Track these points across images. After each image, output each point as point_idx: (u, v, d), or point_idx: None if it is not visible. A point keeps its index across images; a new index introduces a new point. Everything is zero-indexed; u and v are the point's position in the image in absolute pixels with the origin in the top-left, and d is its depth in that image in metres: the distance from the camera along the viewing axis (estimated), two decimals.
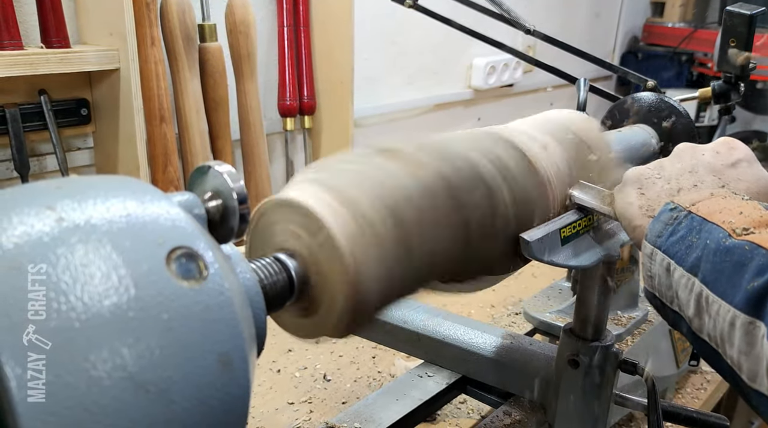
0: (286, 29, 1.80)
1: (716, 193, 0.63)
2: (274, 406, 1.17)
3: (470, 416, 1.13)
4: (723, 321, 0.54)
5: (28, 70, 1.26)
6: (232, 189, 0.48)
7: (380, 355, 1.34)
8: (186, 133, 1.58)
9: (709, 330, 0.56)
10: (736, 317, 0.52)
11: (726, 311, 0.53)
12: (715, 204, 0.61)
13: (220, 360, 0.41)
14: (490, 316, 1.49)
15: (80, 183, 0.43)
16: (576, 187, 0.76)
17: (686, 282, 0.59)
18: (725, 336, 0.54)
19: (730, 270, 0.54)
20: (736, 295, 0.52)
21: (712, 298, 0.55)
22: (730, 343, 0.53)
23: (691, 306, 0.58)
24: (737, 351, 0.53)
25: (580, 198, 0.75)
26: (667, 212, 0.64)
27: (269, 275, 0.54)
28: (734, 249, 0.54)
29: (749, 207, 0.59)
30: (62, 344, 0.35)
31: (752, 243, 0.53)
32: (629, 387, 0.99)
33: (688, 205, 0.62)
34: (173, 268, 0.40)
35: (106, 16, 1.36)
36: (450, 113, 2.53)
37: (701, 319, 0.57)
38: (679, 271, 0.59)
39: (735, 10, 0.96)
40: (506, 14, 1.20)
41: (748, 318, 0.51)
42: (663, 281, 0.63)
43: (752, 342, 0.51)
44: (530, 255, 0.69)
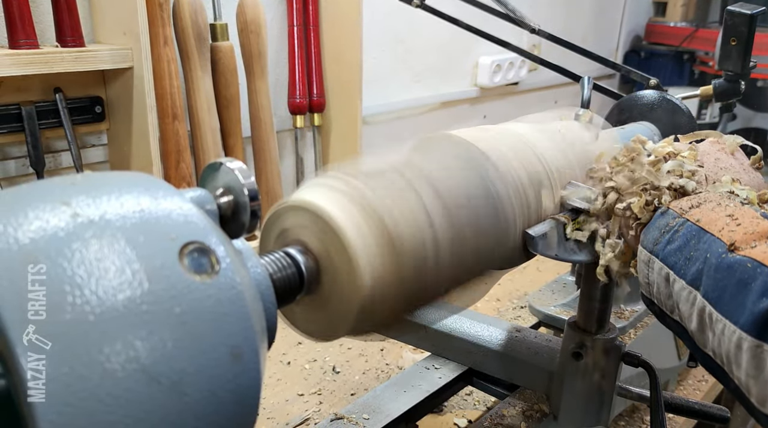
0: (296, 29, 1.80)
1: (710, 198, 0.62)
2: (284, 398, 1.18)
3: (476, 407, 1.14)
4: (729, 342, 0.53)
5: (44, 69, 1.27)
6: (244, 185, 0.48)
7: (388, 348, 1.35)
8: (198, 130, 1.59)
9: (714, 348, 0.56)
10: (742, 339, 0.51)
11: (731, 332, 0.52)
12: (709, 211, 0.60)
13: (231, 352, 0.41)
14: (496, 310, 1.50)
15: (95, 179, 0.43)
16: (567, 187, 0.75)
17: (687, 295, 0.58)
18: (732, 357, 0.53)
19: (733, 289, 0.53)
20: (741, 316, 0.51)
21: (716, 316, 0.54)
22: (737, 365, 0.53)
23: (693, 321, 0.57)
24: (745, 373, 0.52)
25: (571, 198, 0.75)
26: (661, 217, 0.63)
27: (279, 269, 0.54)
28: (736, 267, 0.53)
29: (746, 215, 0.58)
30: (77, 337, 0.36)
31: (754, 261, 0.52)
32: (632, 379, 0.99)
33: (682, 210, 0.62)
34: (186, 263, 0.40)
35: (119, 15, 1.37)
36: (456, 111, 2.53)
37: (705, 335, 0.57)
38: (680, 283, 0.59)
39: (736, 9, 0.96)
40: (511, 14, 1.21)
41: (756, 342, 0.50)
42: (662, 290, 0.62)
43: (760, 367, 0.50)
44: (535, 251, 0.70)
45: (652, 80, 1.07)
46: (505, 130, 0.76)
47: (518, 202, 0.68)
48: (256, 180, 0.56)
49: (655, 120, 1.03)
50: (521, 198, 0.69)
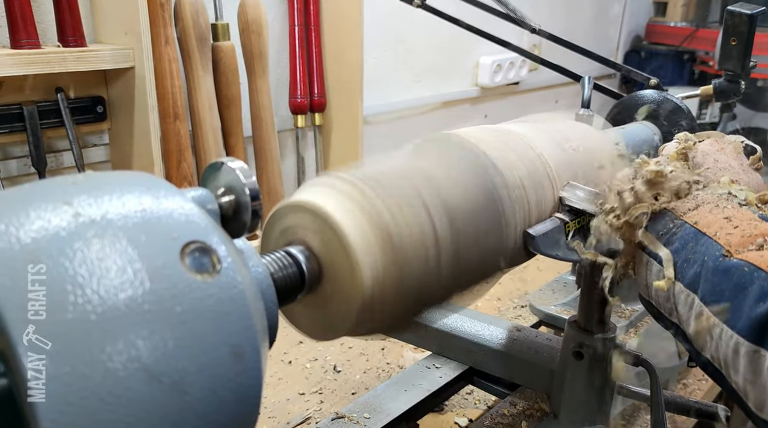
0: (297, 29, 1.80)
1: (707, 200, 0.61)
2: (285, 397, 1.18)
3: (477, 406, 1.14)
4: (726, 347, 0.52)
5: (45, 69, 1.27)
6: (245, 185, 0.48)
7: (389, 347, 1.35)
8: (199, 129, 1.60)
9: (712, 352, 0.55)
10: (739, 344, 0.51)
11: (729, 336, 0.52)
12: (707, 213, 0.59)
13: (232, 352, 0.41)
14: (497, 309, 1.50)
15: (96, 179, 0.43)
16: (566, 188, 0.75)
17: (685, 298, 0.57)
18: (729, 362, 0.53)
19: (730, 293, 0.52)
20: (738, 321, 0.51)
21: (714, 320, 0.54)
22: (735, 369, 0.52)
23: (691, 324, 0.57)
24: (742, 378, 0.52)
25: (569, 199, 0.74)
26: (659, 219, 0.62)
27: (280, 268, 0.54)
28: (733, 270, 0.53)
29: (743, 218, 0.57)
30: (78, 336, 0.36)
31: (751, 265, 0.52)
32: (632, 378, 1.00)
33: (681, 212, 0.61)
34: (187, 262, 0.40)
35: (121, 15, 1.37)
36: (457, 110, 2.53)
37: (703, 338, 0.56)
38: (678, 286, 0.58)
39: (736, 9, 0.97)
40: (512, 14, 1.21)
41: (753, 347, 0.50)
42: (661, 292, 0.61)
43: (758, 371, 0.50)
44: (536, 250, 0.70)
45: (652, 80, 1.07)
46: (506, 129, 0.76)
47: (519, 204, 0.68)
48: (257, 179, 0.56)
49: (656, 120, 1.03)
50: (522, 199, 0.69)
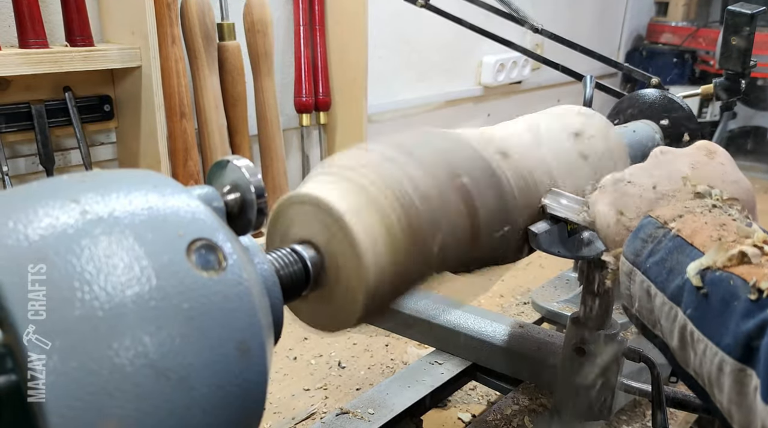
0: (302, 28, 1.82)
1: (691, 208, 0.58)
2: (290, 392, 1.19)
3: (480, 402, 1.15)
4: (710, 364, 0.49)
5: (53, 68, 1.29)
6: (250, 182, 0.48)
7: (393, 343, 1.36)
8: (205, 128, 1.61)
9: (696, 368, 0.52)
10: (724, 362, 0.48)
11: (713, 353, 0.49)
12: (692, 222, 0.56)
13: (238, 347, 0.41)
14: (500, 306, 1.50)
15: (103, 177, 0.43)
16: (548, 195, 0.72)
17: (669, 310, 0.54)
18: (713, 380, 0.50)
19: (715, 308, 0.49)
20: (723, 337, 0.48)
21: (698, 336, 0.51)
22: (719, 388, 0.49)
23: (675, 338, 0.54)
24: (727, 398, 0.49)
25: (551, 206, 0.71)
26: (645, 228, 0.59)
27: (285, 265, 0.54)
28: (719, 283, 0.50)
29: (729, 228, 0.54)
30: (86, 332, 0.36)
31: (737, 278, 0.49)
32: (634, 374, 0.99)
33: (665, 220, 0.58)
34: (193, 259, 0.40)
35: (128, 15, 1.39)
36: (460, 109, 2.54)
37: (686, 353, 0.53)
38: (661, 298, 0.55)
39: (736, 9, 0.97)
40: (515, 13, 1.22)
41: (738, 365, 0.47)
42: (644, 304, 0.58)
43: (743, 393, 0.47)
44: (538, 247, 0.70)
45: (653, 79, 1.08)
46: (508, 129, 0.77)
47: (522, 194, 0.69)
48: (262, 177, 0.57)
49: (657, 119, 1.03)
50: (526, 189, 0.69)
